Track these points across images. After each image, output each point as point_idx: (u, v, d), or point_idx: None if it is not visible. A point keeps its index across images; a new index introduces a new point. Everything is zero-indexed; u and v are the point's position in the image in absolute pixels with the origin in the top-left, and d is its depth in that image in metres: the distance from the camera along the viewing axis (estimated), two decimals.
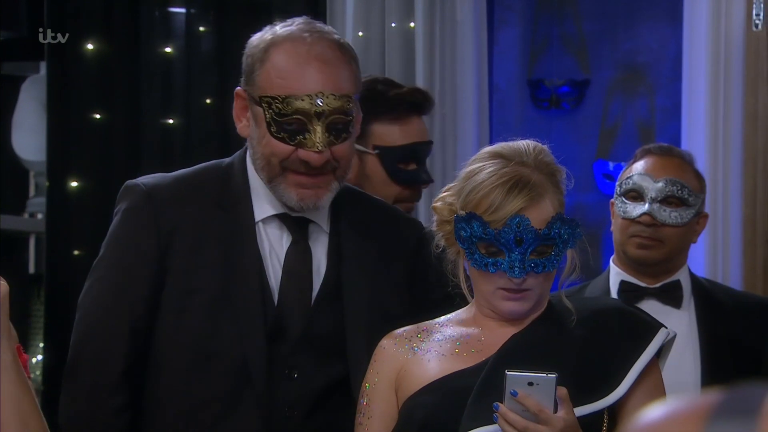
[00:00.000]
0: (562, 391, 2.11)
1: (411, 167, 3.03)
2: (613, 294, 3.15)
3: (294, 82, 2.32)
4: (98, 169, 4.19)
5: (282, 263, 2.39)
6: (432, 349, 2.27)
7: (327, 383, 2.38)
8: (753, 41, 3.86)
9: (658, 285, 3.13)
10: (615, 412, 2.24)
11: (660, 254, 3.10)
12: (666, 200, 3.09)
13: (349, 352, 2.38)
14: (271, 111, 2.32)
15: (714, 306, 3.11)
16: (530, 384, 2.10)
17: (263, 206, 2.41)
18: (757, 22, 3.84)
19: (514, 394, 2.10)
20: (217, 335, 2.34)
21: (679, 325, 3.11)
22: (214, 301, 2.35)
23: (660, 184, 3.09)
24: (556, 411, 2.11)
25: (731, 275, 3.80)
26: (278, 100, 2.31)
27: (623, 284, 3.14)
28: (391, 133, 3.04)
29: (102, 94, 4.24)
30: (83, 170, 4.21)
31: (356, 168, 3.01)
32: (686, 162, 3.17)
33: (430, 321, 2.33)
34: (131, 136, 4.24)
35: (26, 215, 4.57)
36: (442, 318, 2.33)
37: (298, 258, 2.40)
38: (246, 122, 2.39)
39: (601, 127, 4.99)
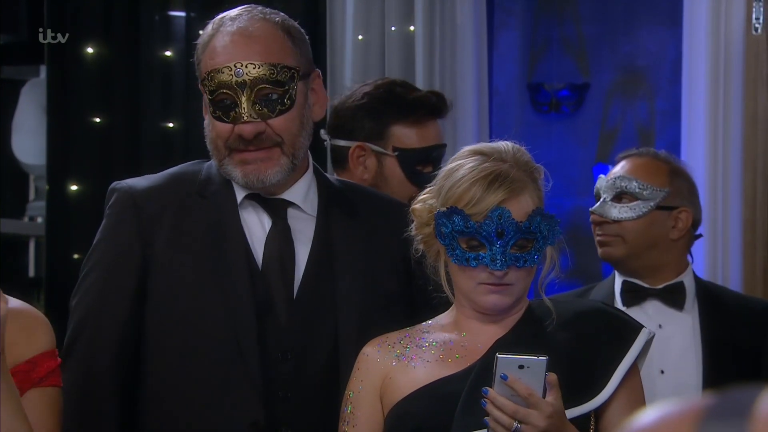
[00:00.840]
0: (552, 377, 2.11)
1: (427, 170, 3.05)
2: (616, 295, 3.16)
3: (217, 57, 2.35)
4: (98, 173, 4.19)
5: (263, 245, 2.42)
6: (416, 356, 2.27)
7: (323, 364, 2.38)
8: (753, 45, 3.86)
9: (660, 286, 3.13)
10: (597, 413, 2.25)
11: (622, 250, 3.12)
12: (617, 197, 3.13)
13: (339, 326, 2.39)
14: (207, 92, 2.37)
15: (718, 309, 3.11)
16: (521, 367, 2.10)
17: (238, 191, 2.44)
18: (756, 25, 3.85)
19: (504, 378, 2.10)
20: (206, 317, 2.36)
21: (681, 327, 3.11)
22: (202, 283, 2.37)
23: (609, 182, 3.13)
24: (545, 396, 2.11)
25: (731, 278, 3.80)
26: (207, 78, 2.35)
27: (626, 284, 3.15)
28: (410, 136, 3.07)
29: (102, 98, 4.25)
30: (83, 174, 4.21)
31: (374, 169, 3.03)
32: (656, 160, 3.18)
33: (412, 327, 2.33)
34: (131, 140, 4.25)
35: (26, 219, 4.57)
36: (424, 324, 2.33)
37: (280, 238, 2.42)
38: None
39: (600, 130, 4.99)
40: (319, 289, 2.41)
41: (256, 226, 2.43)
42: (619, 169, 3.18)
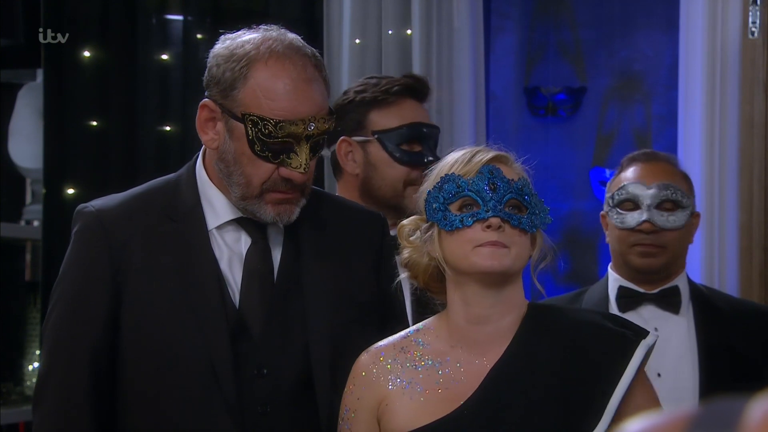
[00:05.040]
0: None
1: (415, 149, 3.06)
2: (612, 300, 3.15)
3: (287, 106, 2.32)
4: (95, 177, 4.19)
5: (242, 261, 2.41)
6: (414, 380, 2.23)
7: (298, 378, 2.38)
8: (749, 49, 3.86)
9: (656, 291, 3.14)
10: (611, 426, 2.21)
11: (663, 260, 3.12)
12: (661, 205, 3.11)
13: (310, 340, 2.38)
14: (255, 130, 2.32)
15: (712, 312, 3.12)
16: None
17: (218, 214, 2.42)
18: (753, 29, 3.85)
19: None
20: (180, 342, 2.35)
21: (677, 330, 3.12)
22: (174, 309, 2.36)
23: (653, 190, 3.11)
24: None
25: (727, 282, 3.81)
26: (270, 123, 2.31)
27: (621, 290, 3.15)
28: (387, 117, 3.08)
29: (98, 102, 4.25)
30: (80, 177, 4.21)
31: (362, 160, 3.02)
32: (672, 165, 3.20)
33: (405, 337, 2.30)
34: (128, 144, 4.24)
35: (22, 223, 4.57)
36: (417, 330, 2.30)
37: (258, 256, 2.41)
38: (214, 135, 2.38)
39: (597, 134, 5.00)
40: (288, 303, 2.41)
41: (235, 245, 2.42)
42: (635, 174, 3.16)
